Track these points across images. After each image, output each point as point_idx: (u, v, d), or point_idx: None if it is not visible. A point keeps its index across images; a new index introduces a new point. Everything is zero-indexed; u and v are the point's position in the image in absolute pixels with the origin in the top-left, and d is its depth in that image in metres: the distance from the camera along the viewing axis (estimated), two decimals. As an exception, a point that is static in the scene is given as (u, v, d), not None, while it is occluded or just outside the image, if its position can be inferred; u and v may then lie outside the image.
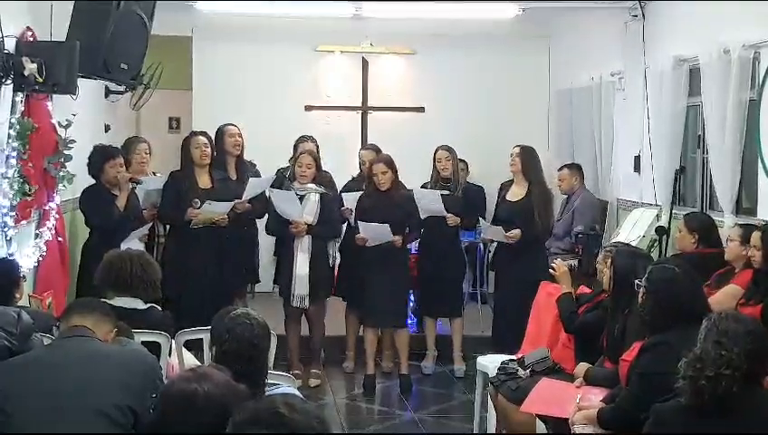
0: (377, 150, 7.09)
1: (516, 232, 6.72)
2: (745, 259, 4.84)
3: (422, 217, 6.82)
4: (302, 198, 6.65)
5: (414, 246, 7.19)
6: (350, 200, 6.84)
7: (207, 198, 6.51)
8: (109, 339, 3.27)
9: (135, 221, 6.43)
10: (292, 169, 6.83)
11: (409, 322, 7.26)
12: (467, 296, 7.86)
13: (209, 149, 6.69)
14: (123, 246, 5.85)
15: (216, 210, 6.50)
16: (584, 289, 5.33)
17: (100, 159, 6.33)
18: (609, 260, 4.64)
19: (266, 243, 7.40)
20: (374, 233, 6.55)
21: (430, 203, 6.80)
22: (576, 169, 7.77)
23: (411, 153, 7.14)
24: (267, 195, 6.90)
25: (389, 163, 6.68)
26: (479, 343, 7.05)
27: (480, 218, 6.97)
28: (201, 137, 6.74)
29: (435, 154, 7.05)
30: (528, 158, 6.89)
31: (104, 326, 3.28)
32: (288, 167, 7.09)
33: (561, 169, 7.80)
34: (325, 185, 6.86)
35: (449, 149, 7.02)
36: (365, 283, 6.71)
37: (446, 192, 6.88)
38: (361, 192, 6.84)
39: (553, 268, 5.39)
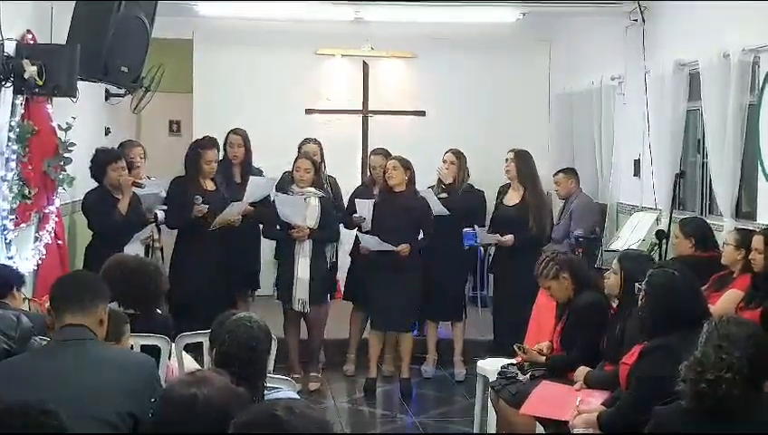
0: (386, 155, 7.04)
1: (509, 237, 6.77)
2: (742, 263, 4.86)
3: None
4: (301, 202, 6.65)
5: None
6: (363, 207, 6.81)
7: (213, 200, 6.51)
8: (104, 319, 3.15)
9: (138, 224, 6.43)
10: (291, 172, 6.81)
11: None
12: (468, 300, 7.84)
13: (217, 164, 6.70)
14: (126, 250, 5.87)
15: (234, 211, 6.53)
16: None
17: (102, 161, 6.33)
18: (618, 265, 4.63)
19: (266, 246, 7.40)
20: (374, 245, 6.55)
21: (433, 204, 6.82)
22: (571, 172, 7.76)
23: (412, 157, 7.10)
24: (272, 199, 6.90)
25: (403, 162, 6.66)
26: (479, 347, 7.05)
27: (475, 226, 6.94)
28: (214, 151, 6.65)
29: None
30: (523, 162, 6.90)
31: (95, 314, 3.12)
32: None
33: (556, 174, 7.79)
34: (329, 188, 6.85)
35: (458, 155, 7.01)
36: (375, 285, 6.68)
37: (445, 195, 6.90)
38: (373, 199, 6.82)
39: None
